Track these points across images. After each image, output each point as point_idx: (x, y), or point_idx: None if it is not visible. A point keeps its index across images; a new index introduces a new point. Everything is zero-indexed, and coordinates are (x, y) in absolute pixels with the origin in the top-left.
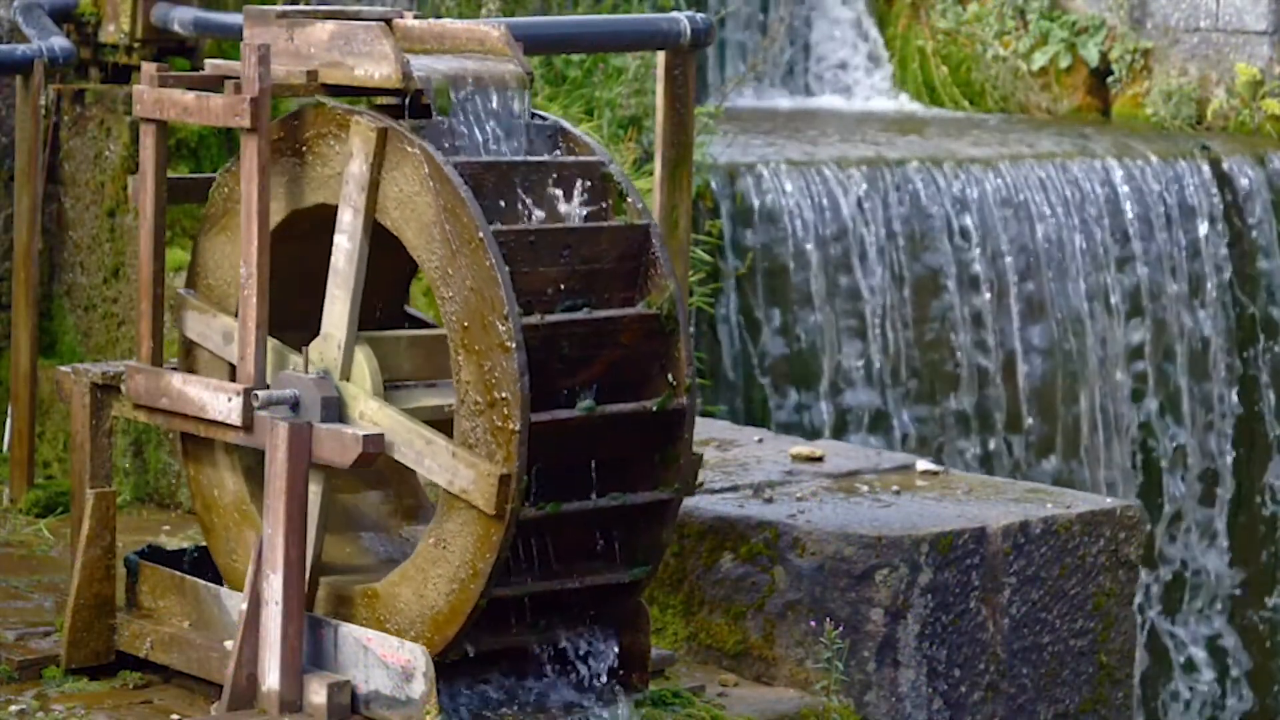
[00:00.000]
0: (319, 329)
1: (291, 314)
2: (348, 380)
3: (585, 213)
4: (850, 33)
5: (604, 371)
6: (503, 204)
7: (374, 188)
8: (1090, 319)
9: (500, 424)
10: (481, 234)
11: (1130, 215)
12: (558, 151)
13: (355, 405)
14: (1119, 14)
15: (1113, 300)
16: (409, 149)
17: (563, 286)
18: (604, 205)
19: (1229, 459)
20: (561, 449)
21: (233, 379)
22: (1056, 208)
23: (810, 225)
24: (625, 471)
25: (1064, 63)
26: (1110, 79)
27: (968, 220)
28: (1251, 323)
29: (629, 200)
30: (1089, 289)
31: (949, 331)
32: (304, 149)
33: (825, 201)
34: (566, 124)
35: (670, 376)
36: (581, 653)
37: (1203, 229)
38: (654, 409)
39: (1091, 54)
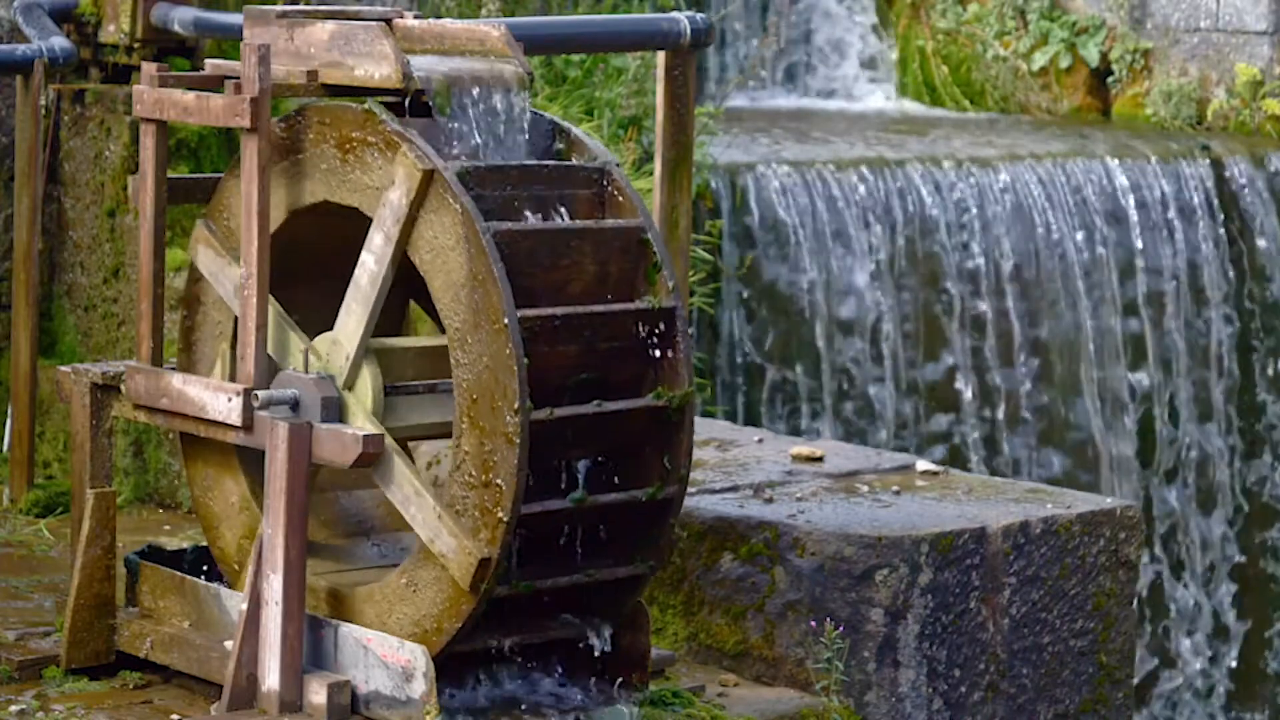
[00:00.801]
0: (324, 320)
1: (312, 292)
2: (350, 390)
3: (616, 288)
4: (850, 33)
5: (602, 453)
6: (535, 273)
7: (409, 223)
8: (1090, 318)
9: (490, 507)
10: (507, 320)
11: (1130, 215)
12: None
13: (352, 421)
14: (1119, 14)
15: (1113, 300)
16: (452, 202)
17: (579, 366)
18: (636, 278)
19: (1230, 458)
20: (547, 533)
21: (235, 331)
22: (1057, 208)
23: (810, 225)
24: (606, 547)
25: (1064, 63)
26: (1110, 79)
27: (968, 220)
28: (1252, 322)
29: (662, 274)
30: (1089, 289)
31: (949, 330)
32: (347, 149)
33: (825, 201)
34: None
35: (667, 462)
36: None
37: (1203, 229)
38: (644, 498)
39: (1092, 54)
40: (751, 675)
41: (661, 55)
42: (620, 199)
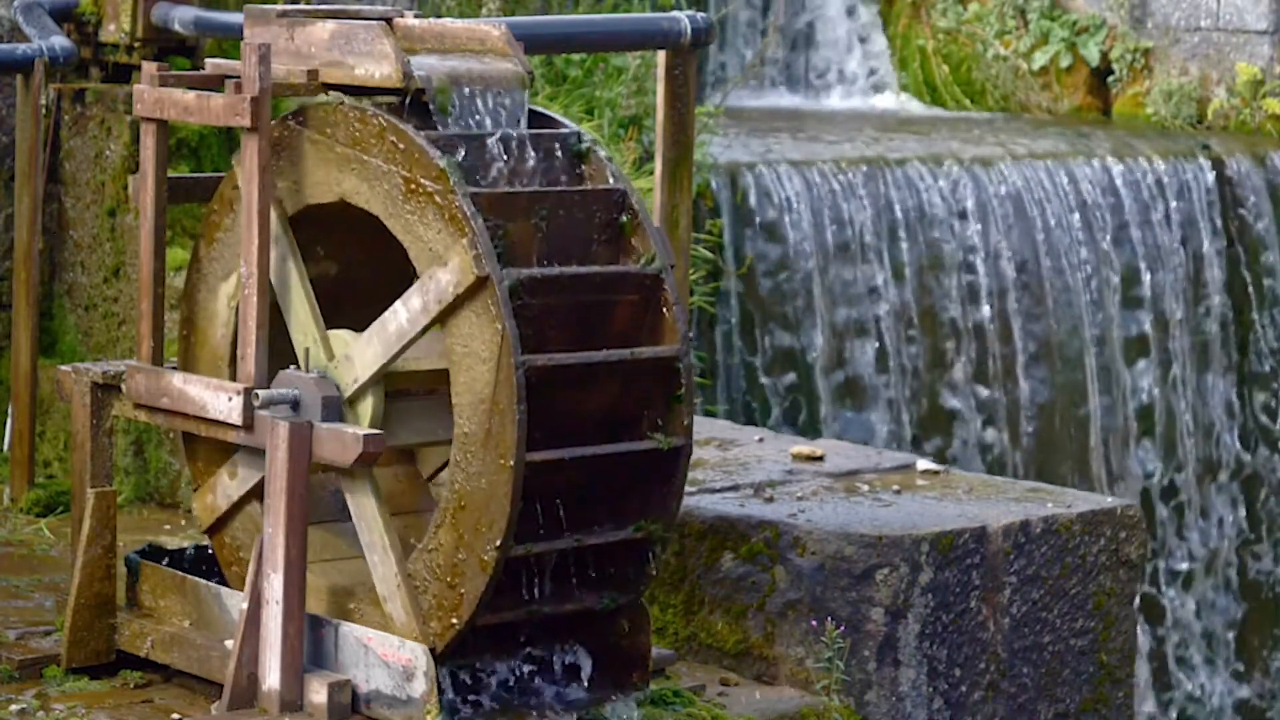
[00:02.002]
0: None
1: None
2: (349, 407)
3: (633, 413)
4: (851, 32)
5: (574, 575)
6: (556, 398)
7: (450, 310)
8: (1091, 317)
9: (449, 607)
10: (514, 462)
11: (1131, 214)
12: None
13: None
14: (1119, 13)
15: (1113, 299)
16: (494, 320)
17: (575, 498)
18: (655, 405)
19: (1230, 456)
20: (499, 633)
21: None
22: (1057, 207)
23: (810, 224)
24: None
25: (1064, 62)
26: (1111, 78)
27: (968, 219)
28: (1252, 321)
29: (681, 407)
30: (1089, 288)
31: (949, 329)
32: (412, 190)
33: (826, 200)
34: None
35: (631, 575)
36: None
37: (1203, 228)
38: (598, 608)
39: (1092, 53)
40: (752, 674)
41: (662, 55)
42: (665, 313)
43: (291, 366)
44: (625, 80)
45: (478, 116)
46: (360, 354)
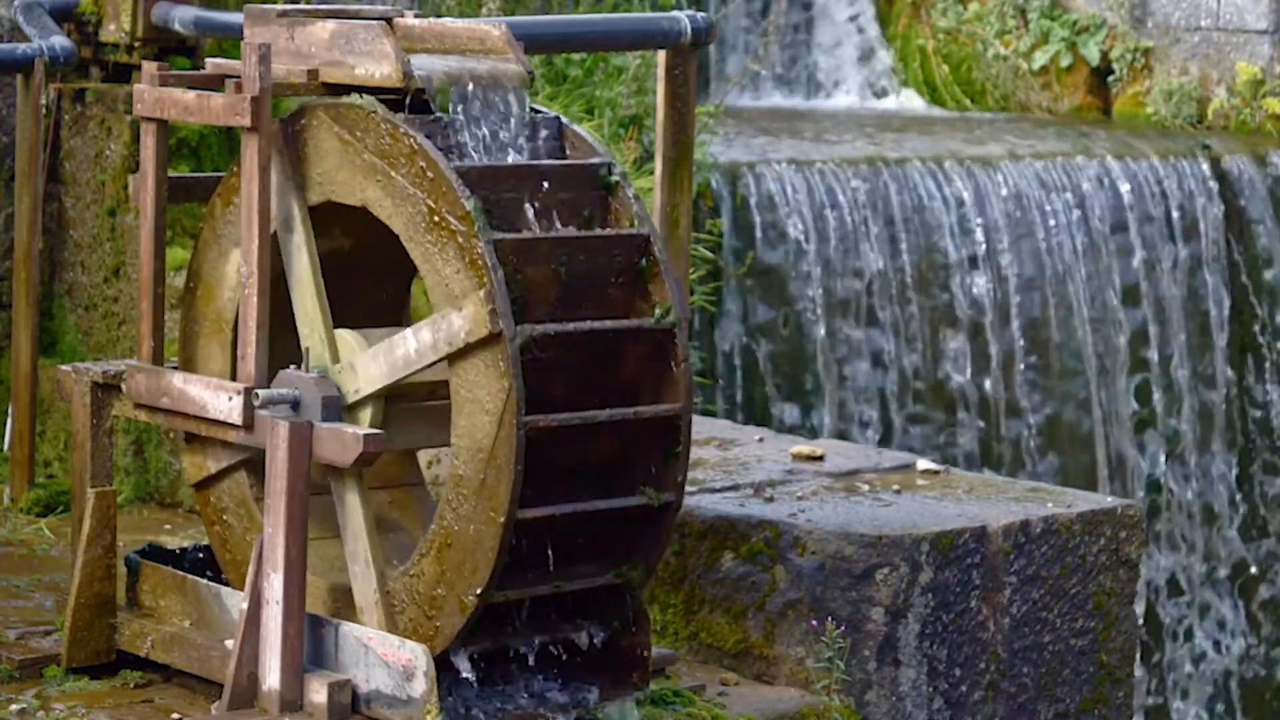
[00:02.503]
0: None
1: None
2: (347, 413)
3: (627, 470)
4: (851, 32)
5: (555, 611)
6: (555, 454)
7: (460, 354)
8: (1090, 316)
9: (424, 635)
10: (504, 518)
11: (1131, 214)
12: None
13: None
14: (1120, 13)
15: (1113, 298)
16: (501, 377)
17: (561, 547)
18: (652, 461)
19: (1229, 455)
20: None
21: None
22: (1057, 206)
23: (811, 224)
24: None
25: (1065, 62)
26: (1111, 78)
27: (969, 219)
28: (1252, 320)
29: (676, 463)
30: (1090, 287)
31: (949, 328)
32: (436, 222)
33: (826, 200)
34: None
35: (609, 612)
36: None
37: (1203, 228)
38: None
39: (1092, 53)
40: (752, 674)
41: (662, 54)
42: (673, 369)
43: (291, 366)
44: (625, 80)
45: (478, 116)
46: (364, 368)
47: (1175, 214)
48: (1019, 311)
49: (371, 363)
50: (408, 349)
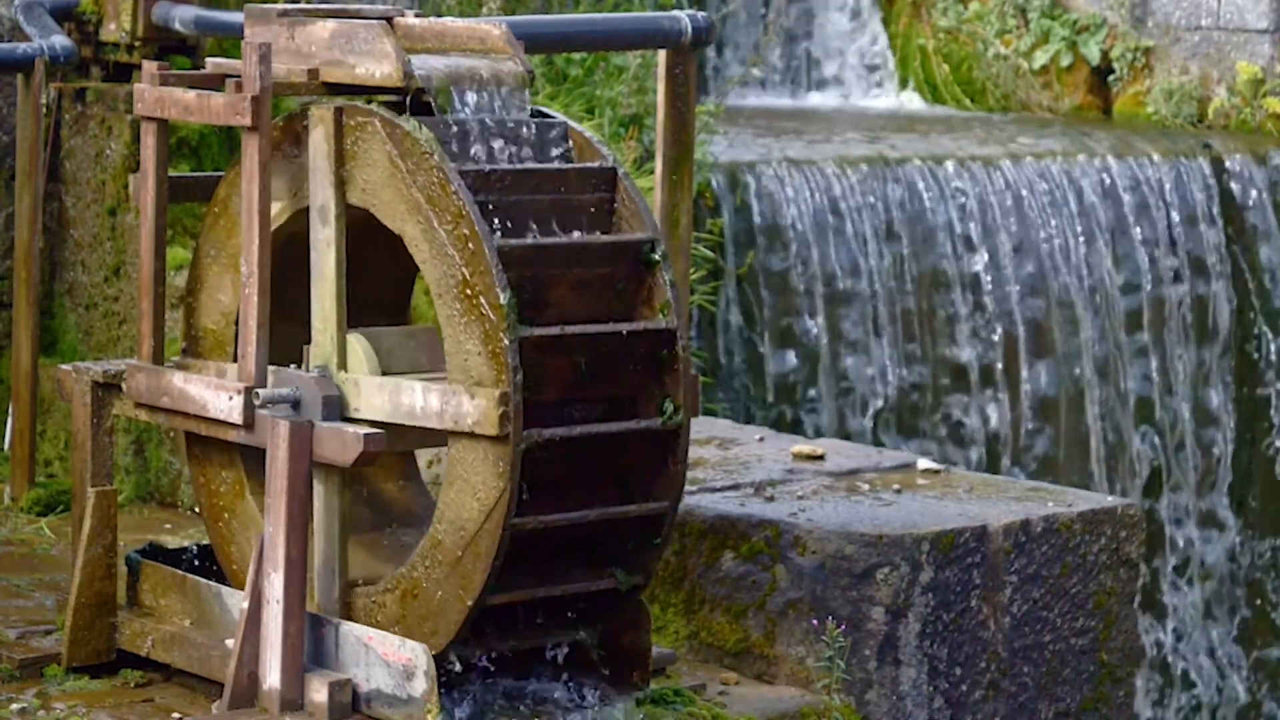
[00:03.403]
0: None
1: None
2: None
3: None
4: (851, 31)
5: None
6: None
7: (461, 437)
8: (1091, 316)
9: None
10: (473, 601)
11: (1131, 214)
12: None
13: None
14: (1120, 12)
15: (1114, 298)
16: (499, 479)
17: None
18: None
19: (1230, 454)
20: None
21: None
22: (1058, 206)
23: (811, 224)
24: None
25: (1065, 61)
26: (1111, 77)
27: (969, 218)
28: (1253, 319)
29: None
30: (1090, 287)
31: (950, 329)
32: (463, 299)
33: (826, 200)
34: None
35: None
36: None
37: (1204, 227)
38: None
39: (1093, 52)
40: (752, 674)
41: (662, 54)
42: (670, 466)
43: (292, 365)
44: (626, 79)
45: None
46: (369, 394)
47: (1176, 213)
48: (1019, 311)
49: (377, 393)
50: (413, 403)
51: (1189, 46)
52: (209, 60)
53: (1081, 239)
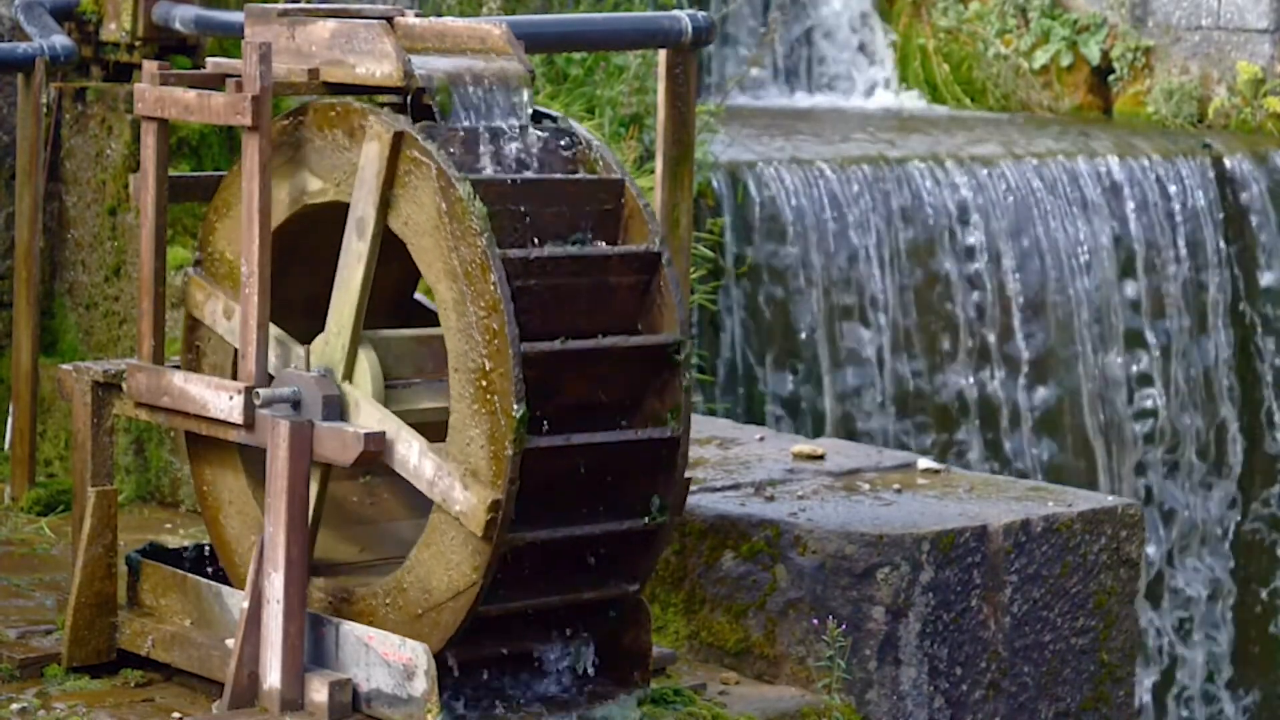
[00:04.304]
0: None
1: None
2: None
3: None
4: (852, 31)
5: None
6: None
7: (448, 509)
8: (1091, 316)
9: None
10: (434, 650)
11: (1131, 213)
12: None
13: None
14: (1120, 12)
15: (1114, 297)
16: (474, 572)
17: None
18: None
19: (1229, 452)
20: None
21: None
22: (1058, 206)
23: (811, 223)
24: None
25: (1065, 61)
26: (1112, 77)
27: (969, 218)
28: (1253, 319)
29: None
30: (1090, 286)
31: (950, 329)
32: (475, 386)
33: (826, 199)
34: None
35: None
36: None
37: (1204, 227)
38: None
39: (1093, 52)
40: (753, 673)
41: (663, 53)
42: (645, 562)
43: (293, 365)
44: (626, 79)
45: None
46: (369, 415)
47: (1176, 213)
48: (1019, 311)
49: (375, 417)
50: (407, 457)
51: (1189, 46)
52: (209, 60)
53: (1082, 239)
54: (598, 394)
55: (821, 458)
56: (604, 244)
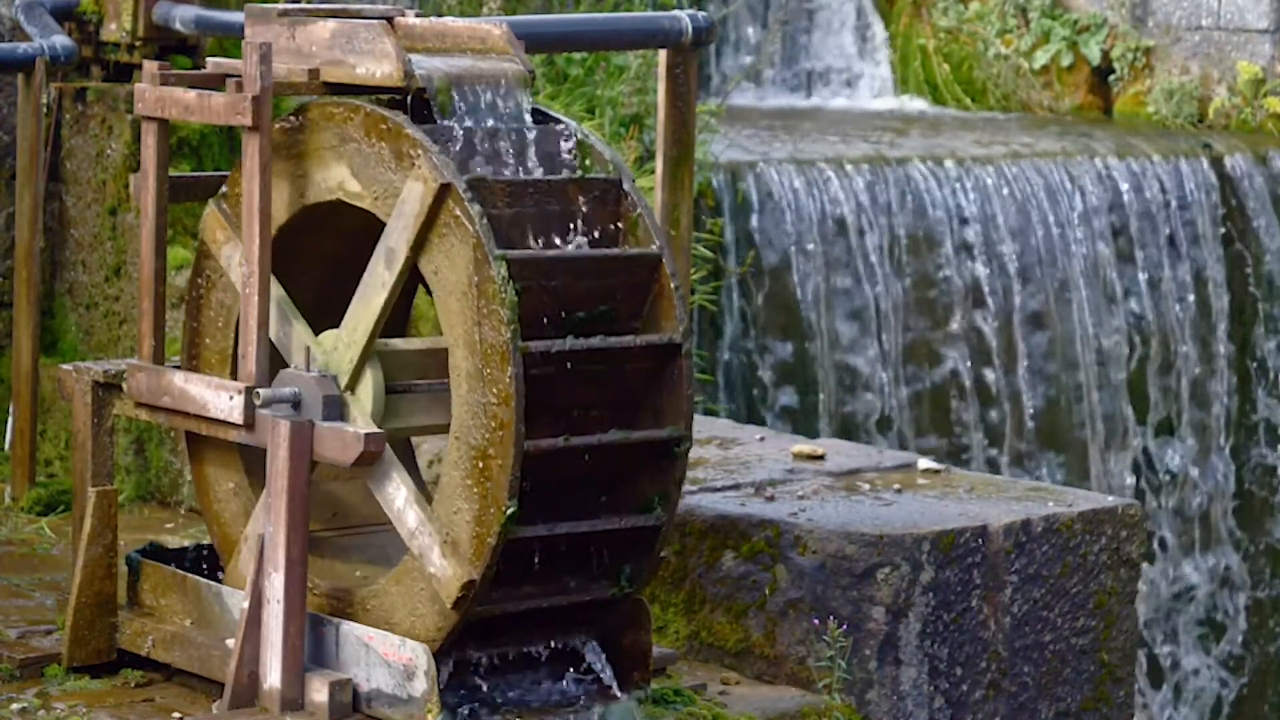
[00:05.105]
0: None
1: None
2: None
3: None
4: (852, 31)
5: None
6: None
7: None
8: (1091, 316)
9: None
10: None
11: (1132, 213)
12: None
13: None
14: (1121, 12)
15: (1114, 297)
16: (442, 627)
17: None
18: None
19: (1229, 451)
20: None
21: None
22: (1058, 206)
23: (812, 223)
24: None
25: (1066, 61)
26: (1112, 77)
27: (969, 218)
28: (1253, 319)
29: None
30: (1090, 286)
31: (950, 328)
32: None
33: (826, 199)
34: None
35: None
36: None
37: (1204, 227)
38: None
39: (1093, 52)
40: (753, 673)
41: (663, 53)
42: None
43: (294, 365)
44: (626, 79)
45: (478, 116)
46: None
47: (1176, 213)
48: (1020, 311)
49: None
50: (393, 499)
51: (1189, 46)
52: (209, 60)
53: (1082, 239)
54: (584, 488)
55: (822, 458)
56: (629, 320)
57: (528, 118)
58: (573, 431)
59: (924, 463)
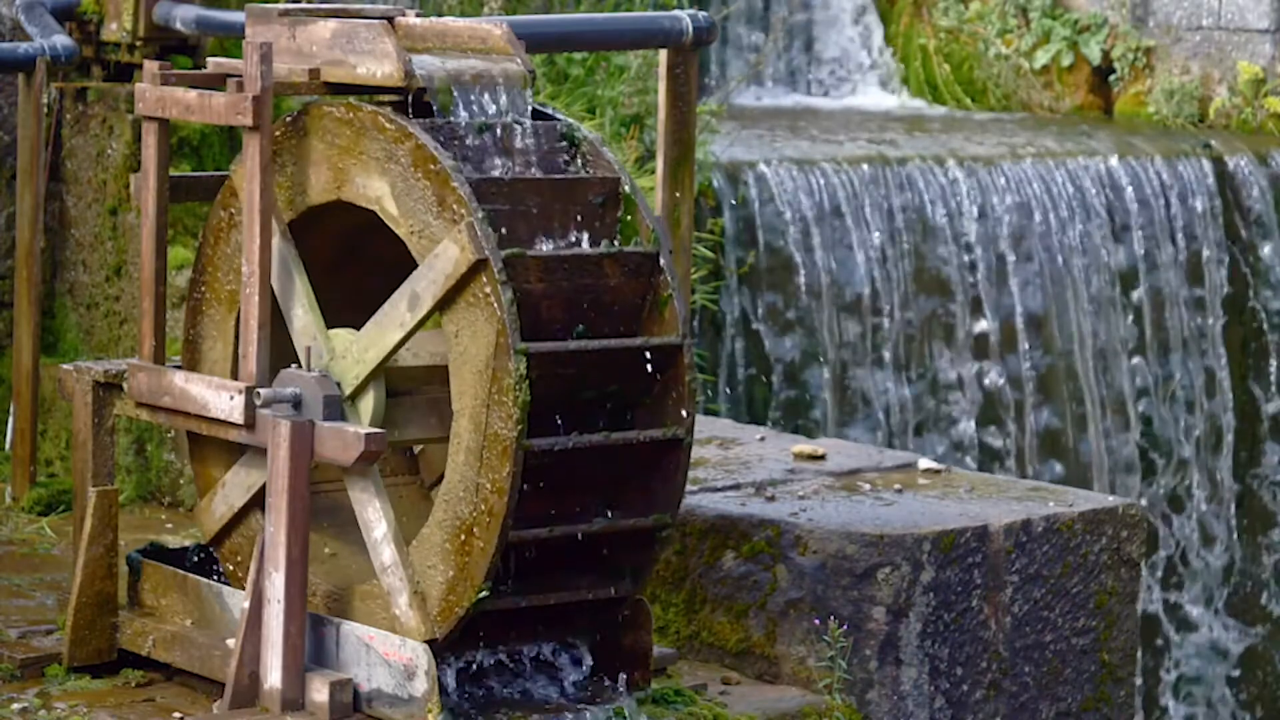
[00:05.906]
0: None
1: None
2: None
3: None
4: (852, 31)
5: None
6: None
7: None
8: (1091, 316)
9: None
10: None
11: (1132, 213)
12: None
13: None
14: (1121, 12)
15: (1114, 297)
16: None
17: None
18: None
19: (1229, 450)
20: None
21: None
22: (1058, 206)
23: (812, 223)
24: None
25: (1066, 61)
26: (1112, 77)
27: (969, 218)
28: (1253, 319)
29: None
30: (1090, 287)
31: (950, 328)
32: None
33: (827, 199)
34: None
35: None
36: None
37: (1204, 227)
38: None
39: (1094, 52)
40: (753, 673)
41: (663, 53)
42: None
43: (293, 365)
44: (627, 79)
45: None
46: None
47: (1176, 213)
48: (1020, 310)
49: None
50: (373, 525)
51: (1190, 46)
52: (210, 60)
53: (1082, 239)
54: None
55: (822, 458)
56: (639, 397)
57: (528, 117)
58: (561, 520)
59: (924, 462)
